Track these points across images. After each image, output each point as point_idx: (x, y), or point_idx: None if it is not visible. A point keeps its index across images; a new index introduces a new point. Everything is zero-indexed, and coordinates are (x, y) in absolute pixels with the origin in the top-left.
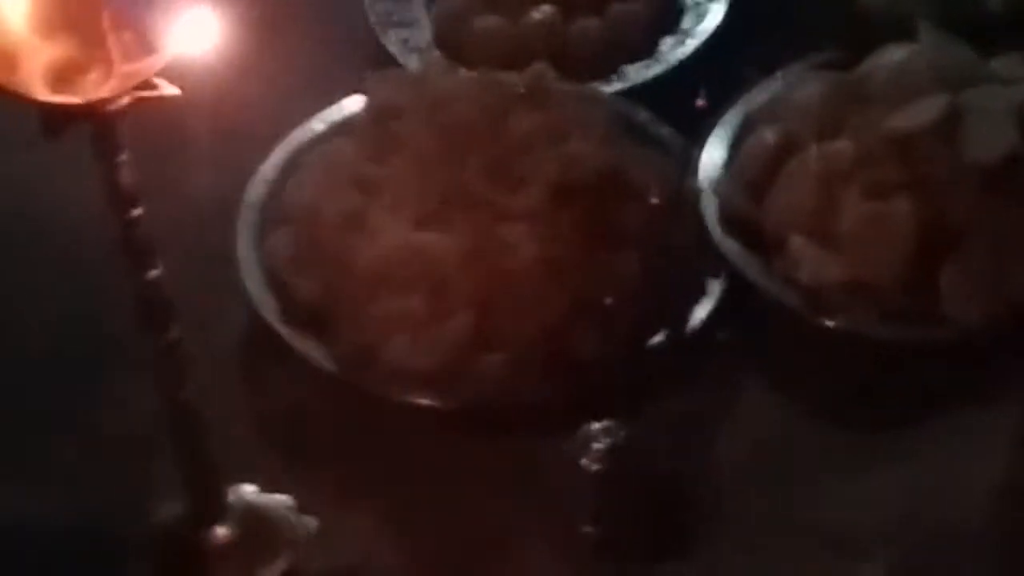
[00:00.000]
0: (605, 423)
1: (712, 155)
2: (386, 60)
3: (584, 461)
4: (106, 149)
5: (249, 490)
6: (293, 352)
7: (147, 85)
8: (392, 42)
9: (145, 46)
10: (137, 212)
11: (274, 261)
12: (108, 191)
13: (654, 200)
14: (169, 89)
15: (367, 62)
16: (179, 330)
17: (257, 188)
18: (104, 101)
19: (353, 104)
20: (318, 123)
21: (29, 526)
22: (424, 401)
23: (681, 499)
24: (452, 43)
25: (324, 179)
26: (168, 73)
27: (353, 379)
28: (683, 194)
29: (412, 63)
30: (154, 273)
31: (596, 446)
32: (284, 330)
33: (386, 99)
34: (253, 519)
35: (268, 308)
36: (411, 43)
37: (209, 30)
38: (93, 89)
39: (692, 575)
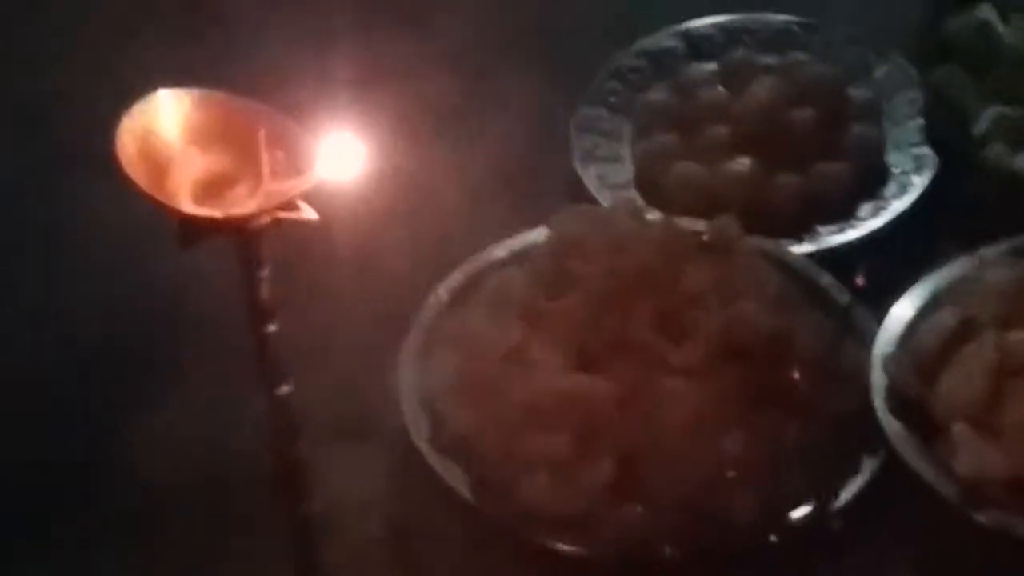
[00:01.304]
0: None
1: (891, 329)
2: (581, 194)
3: None
4: (246, 263)
5: None
6: (439, 479)
7: (289, 206)
8: (590, 177)
9: (295, 166)
10: (272, 328)
11: (433, 384)
12: (247, 304)
13: (818, 369)
14: (308, 213)
15: (562, 193)
16: (303, 449)
17: (429, 309)
18: (245, 218)
19: (538, 235)
20: (500, 250)
21: None
22: (555, 544)
23: None
24: (650, 184)
25: (492, 308)
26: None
27: (488, 513)
28: (846, 365)
29: (606, 200)
30: (284, 390)
31: None
32: (429, 454)
33: (568, 234)
34: None
35: (419, 430)
36: (609, 180)
37: (358, 155)
38: (238, 203)
39: None
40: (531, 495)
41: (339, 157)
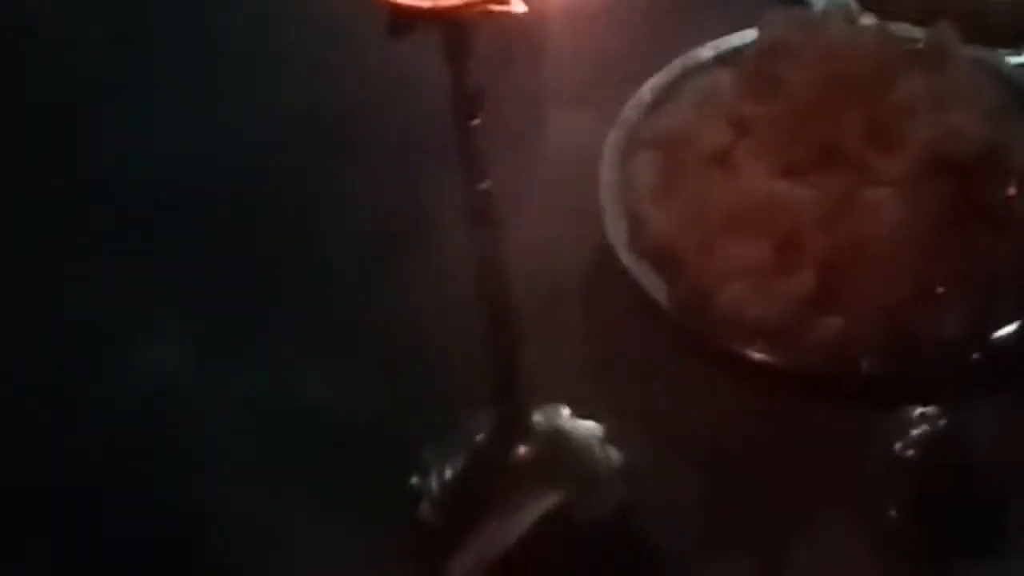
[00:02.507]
0: (929, 409)
1: None
2: None
3: (900, 445)
4: (454, 54)
5: (562, 412)
6: (634, 281)
7: None
8: None
9: None
10: (476, 122)
11: (634, 184)
12: (452, 97)
13: None
14: (518, 6)
15: None
16: (505, 236)
17: (632, 109)
18: (454, 8)
19: (747, 37)
20: (707, 51)
21: (330, 414)
22: (751, 354)
23: (995, 500)
24: None
25: (699, 110)
26: None
27: (684, 320)
28: None
29: (819, 2)
30: (484, 185)
31: (915, 432)
32: (627, 258)
33: (779, 38)
34: (558, 442)
35: (617, 233)
36: None
37: None
38: None
39: None
40: (729, 303)
41: None
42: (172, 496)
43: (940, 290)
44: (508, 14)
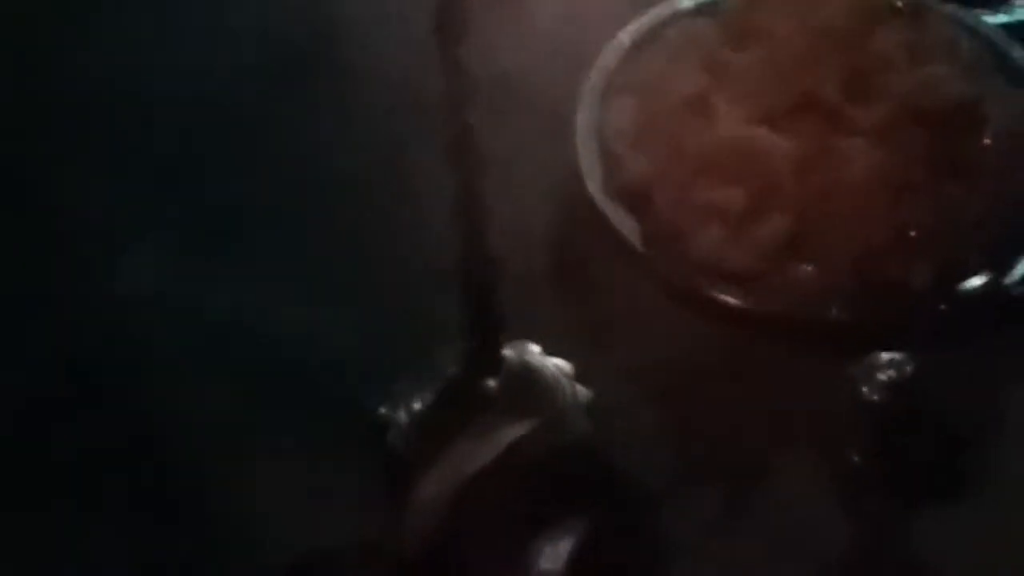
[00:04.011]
0: (895, 355)
1: None
2: None
3: (865, 389)
4: None
5: (532, 349)
6: (608, 223)
7: None
8: None
9: None
10: (458, 55)
11: (610, 128)
12: (437, 24)
13: (1004, 140)
14: None
15: None
16: (483, 174)
17: (611, 53)
18: None
19: None
20: None
21: (304, 340)
22: (723, 297)
23: (956, 448)
24: None
25: (678, 56)
26: None
27: (658, 262)
28: None
29: None
30: (468, 122)
31: (880, 377)
32: (601, 199)
33: None
34: (527, 377)
35: (592, 174)
36: None
37: None
38: None
39: (949, 531)
40: (702, 247)
41: None
42: (144, 407)
43: (909, 240)
44: None
